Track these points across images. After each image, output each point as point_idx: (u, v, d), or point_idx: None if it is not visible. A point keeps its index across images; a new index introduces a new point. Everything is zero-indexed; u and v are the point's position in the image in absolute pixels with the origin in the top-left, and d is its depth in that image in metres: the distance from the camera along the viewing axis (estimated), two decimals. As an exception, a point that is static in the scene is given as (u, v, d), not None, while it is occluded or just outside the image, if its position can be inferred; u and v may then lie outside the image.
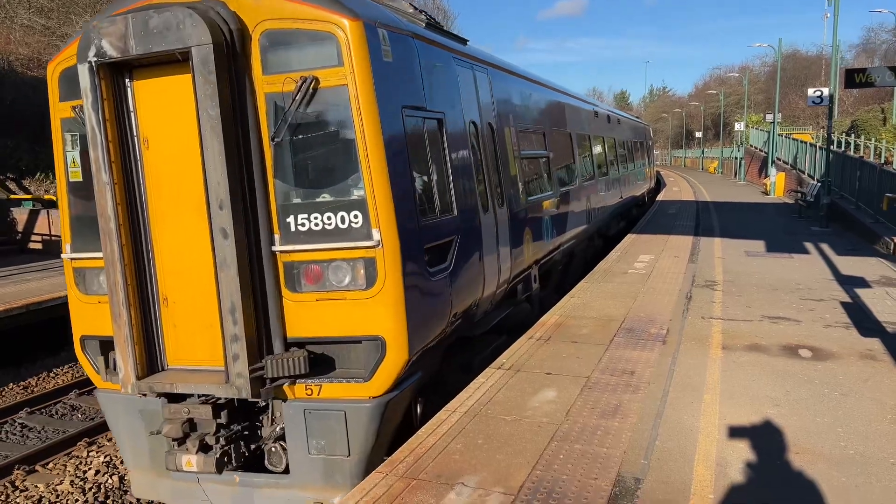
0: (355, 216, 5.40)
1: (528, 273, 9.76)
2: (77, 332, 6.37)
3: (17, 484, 8.01)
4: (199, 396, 5.74)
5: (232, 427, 5.86)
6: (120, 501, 7.78)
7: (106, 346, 6.18)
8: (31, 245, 19.06)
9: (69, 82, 5.86)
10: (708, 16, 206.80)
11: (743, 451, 5.12)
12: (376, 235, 5.37)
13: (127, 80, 5.59)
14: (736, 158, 53.63)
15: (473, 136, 7.74)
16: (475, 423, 5.70)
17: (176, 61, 5.31)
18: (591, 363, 7.21)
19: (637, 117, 34.80)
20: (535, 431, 5.50)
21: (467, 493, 4.51)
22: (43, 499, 7.77)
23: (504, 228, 8.40)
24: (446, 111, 6.94)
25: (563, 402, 6.11)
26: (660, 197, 32.91)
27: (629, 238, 17.26)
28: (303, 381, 5.63)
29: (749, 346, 7.80)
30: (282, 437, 5.94)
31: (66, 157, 6.12)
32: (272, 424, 6.05)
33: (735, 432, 5.46)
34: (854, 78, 11.89)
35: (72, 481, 8.09)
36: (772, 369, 6.99)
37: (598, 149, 16.50)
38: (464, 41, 8.36)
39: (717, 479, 4.69)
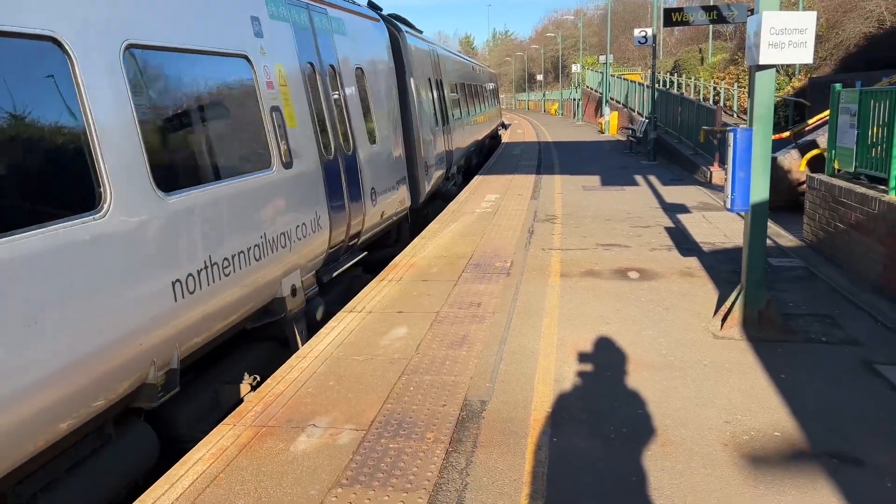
0: None
1: None
2: None
3: None
4: None
5: None
6: None
7: None
8: None
9: None
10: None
11: (578, 367, 5.50)
12: None
13: None
14: (574, 100, 56.10)
15: None
16: (326, 366, 5.69)
17: None
18: (441, 299, 7.39)
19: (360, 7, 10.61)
20: (387, 368, 5.58)
21: (318, 433, 4.52)
22: None
23: None
24: None
25: (413, 338, 6.24)
26: (505, 139, 33.85)
27: (477, 179, 17.69)
28: None
29: (584, 272, 8.32)
30: None
31: None
32: None
33: (571, 351, 5.84)
34: (671, 17, 12.72)
35: None
36: (604, 291, 7.51)
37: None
38: None
39: (556, 394, 5.01)
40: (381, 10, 12.19)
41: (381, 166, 9.43)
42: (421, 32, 15.30)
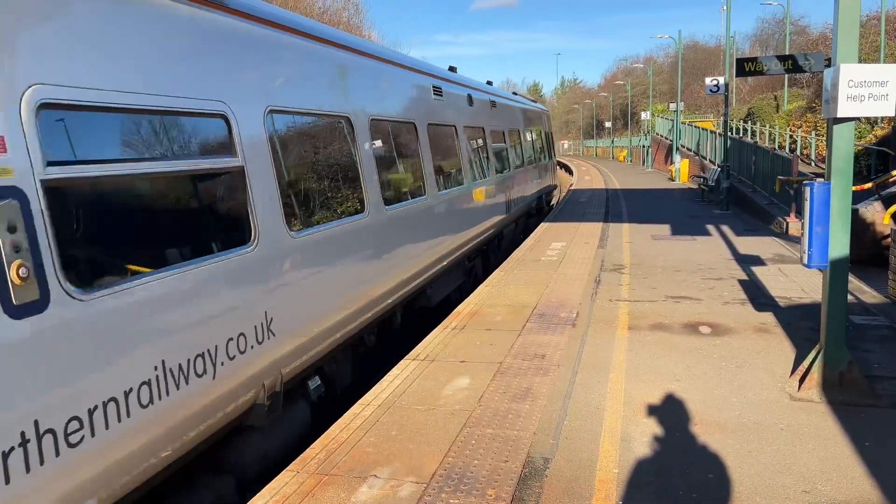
0: None
1: None
2: None
3: None
4: None
5: None
6: None
7: None
8: None
9: None
10: (614, 8, 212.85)
11: (646, 426, 5.33)
12: None
13: None
14: (643, 147, 55.55)
15: None
16: (389, 415, 5.70)
17: None
18: (504, 349, 7.33)
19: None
20: (448, 419, 5.55)
21: (379, 484, 4.51)
22: None
23: None
24: None
25: (476, 389, 6.19)
26: (573, 186, 33.72)
27: (542, 227, 17.63)
28: None
29: (653, 325, 8.11)
30: None
31: None
32: None
33: (639, 408, 5.67)
34: (744, 67, 12.53)
35: None
36: (674, 346, 7.30)
37: None
38: None
39: (622, 454, 4.86)
40: None
41: None
42: None
